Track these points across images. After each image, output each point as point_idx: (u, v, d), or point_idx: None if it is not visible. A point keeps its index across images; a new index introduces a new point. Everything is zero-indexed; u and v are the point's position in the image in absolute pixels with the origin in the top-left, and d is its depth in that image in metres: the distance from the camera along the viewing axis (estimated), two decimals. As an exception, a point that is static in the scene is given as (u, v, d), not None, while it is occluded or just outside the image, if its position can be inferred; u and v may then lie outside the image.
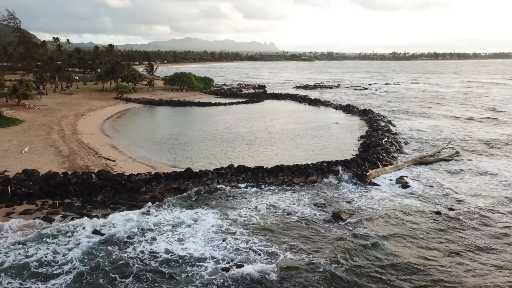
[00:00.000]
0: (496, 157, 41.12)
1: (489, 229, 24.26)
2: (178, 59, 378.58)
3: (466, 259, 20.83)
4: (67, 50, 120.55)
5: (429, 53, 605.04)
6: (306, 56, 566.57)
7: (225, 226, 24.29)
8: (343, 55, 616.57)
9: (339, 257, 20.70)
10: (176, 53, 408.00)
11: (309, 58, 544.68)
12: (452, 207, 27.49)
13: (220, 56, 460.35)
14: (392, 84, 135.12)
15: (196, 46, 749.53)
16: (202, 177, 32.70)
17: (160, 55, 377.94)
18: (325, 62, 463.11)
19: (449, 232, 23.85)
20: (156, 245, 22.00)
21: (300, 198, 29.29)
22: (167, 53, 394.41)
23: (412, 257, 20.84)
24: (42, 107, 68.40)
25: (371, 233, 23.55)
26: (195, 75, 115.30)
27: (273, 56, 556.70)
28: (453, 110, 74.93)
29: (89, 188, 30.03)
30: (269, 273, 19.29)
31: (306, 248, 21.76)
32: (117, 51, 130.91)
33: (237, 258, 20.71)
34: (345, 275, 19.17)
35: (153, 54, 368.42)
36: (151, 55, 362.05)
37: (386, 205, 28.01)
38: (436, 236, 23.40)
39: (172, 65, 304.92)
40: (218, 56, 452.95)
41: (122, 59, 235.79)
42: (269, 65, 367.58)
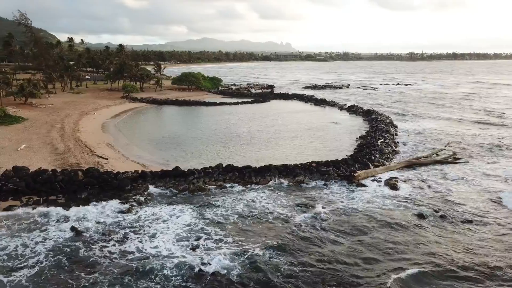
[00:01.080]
0: (494, 159, 40.03)
1: (469, 237, 23.46)
2: (193, 59, 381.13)
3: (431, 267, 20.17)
4: (77, 50, 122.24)
5: (448, 54, 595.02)
6: (322, 57, 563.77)
7: (200, 225, 24.25)
8: (359, 55, 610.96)
9: (300, 255, 20.49)
10: (191, 53, 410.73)
11: (324, 58, 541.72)
12: (438, 211, 26.79)
13: (234, 56, 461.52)
14: (403, 85, 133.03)
15: (212, 47, 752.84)
16: (189, 176, 32.77)
17: (175, 55, 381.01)
18: (339, 62, 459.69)
19: (424, 236, 23.24)
20: (128, 241, 22.17)
21: (283, 198, 29.06)
22: (182, 54, 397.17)
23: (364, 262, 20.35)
24: (48, 105, 69.64)
25: (341, 234, 23.18)
26: (204, 75, 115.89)
27: (288, 56, 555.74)
28: (457, 112, 73.19)
29: (75, 186, 30.39)
30: (233, 272, 19.19)
31: (274, 247, 21.52)
32: (127, 51, 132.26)
33: (205, 256, 20.62)
34: (302, 274, 18.92)
35: (168, 54, 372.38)
36: (166, 55, 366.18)
37: (368, 207, 27.51)
38: (408, 239, 22.75)
39: (187, 65, 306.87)
40: (232, 56, 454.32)
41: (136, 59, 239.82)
42: (282, 65, 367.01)
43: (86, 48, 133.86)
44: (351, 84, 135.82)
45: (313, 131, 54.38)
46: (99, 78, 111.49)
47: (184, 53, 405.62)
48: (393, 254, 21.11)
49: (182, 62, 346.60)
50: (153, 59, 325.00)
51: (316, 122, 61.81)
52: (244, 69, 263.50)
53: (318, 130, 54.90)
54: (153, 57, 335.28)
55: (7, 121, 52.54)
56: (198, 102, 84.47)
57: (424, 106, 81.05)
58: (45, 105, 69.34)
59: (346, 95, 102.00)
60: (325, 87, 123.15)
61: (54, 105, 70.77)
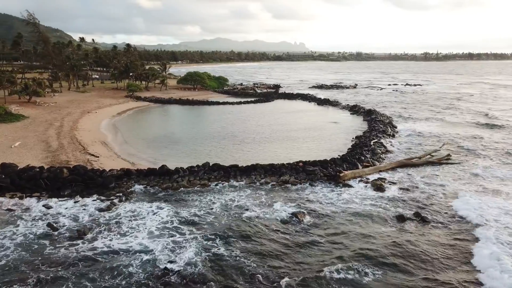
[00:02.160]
0: (488, 162, 39.05)
1: (443, 240, 22.93)
2: (205, 59, 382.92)
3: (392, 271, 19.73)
4: (85, 49, 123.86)
5: (464, 53, 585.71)
6: (334, 57, 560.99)
7: (175, 223, 24.23)
8: (373, 55, 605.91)
9: (266, 254, 20.30)
10: (203, 53, 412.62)
11: (337, 58, 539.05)
12: (420, 213, 26.19)
13: (246, 56, 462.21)
14: (412, 86, 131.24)
15: (226, 47, 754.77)
16: (173, 175, 32.84)
17: (187, 55, 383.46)
18: (351, 62, 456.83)
19: (399, 238, 22.80)
20: (100, 238, 22.29)
21: (265, 198, 28.86)
22: (194, 53, 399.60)
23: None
24: (51, 104, 70.68)
25: (315, 235, 22.91)
26: (210, 74, 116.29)
27: (301, 56, 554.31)
28: (458, 113, 71.67)
29: (59, 183, 30.74)
30: (197, 270, 19.12)
31: (244, 247, 21.38)
32: (134, 51, 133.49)
33: (173, 254, 20.61)
34: (272, 275, 18.71)
35: (180, 54, 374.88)
36: (178, 55, 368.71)
37: (345, 208, 27.05)
38: (379, 242, 22.32)
39: (198, 65, 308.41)
40: (244, 56, 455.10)
41: (148, 58, 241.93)
42: (292, 65, 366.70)
43: (94, 48, 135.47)
44: (359, 84, 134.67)
45: (310, 131, 53.98)
46: (106, 77, 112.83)
47: (196, 53, 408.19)
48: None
49: (194, 62, 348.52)
50: (165, 59, 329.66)
51: (315, 122, 61.37)
52: (253, 69, 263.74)
53: (315, 130, 54.48)
54: (165, 57, 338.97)
55: (8, 119, 53.48)
56: (201, 102, 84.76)
57: (427, 107, 79.67)
58: (48, 104, 70.39)
59: (351, 95, 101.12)
60: (332, 87, 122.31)
61: (58, 104, 71.81)
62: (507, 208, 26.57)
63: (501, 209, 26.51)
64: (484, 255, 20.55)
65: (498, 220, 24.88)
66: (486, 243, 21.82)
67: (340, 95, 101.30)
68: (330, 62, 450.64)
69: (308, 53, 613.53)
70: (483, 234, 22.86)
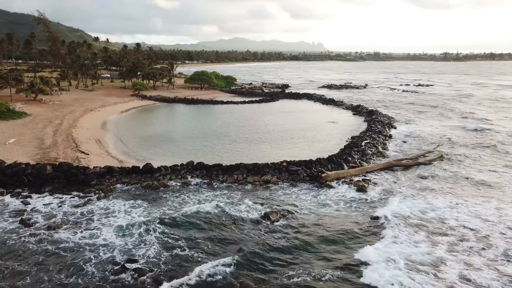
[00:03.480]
0: (483, 164, 37.94)
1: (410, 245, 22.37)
2: (220, 58, 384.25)
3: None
4: (96, 48, 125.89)
5: (485, 54, 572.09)
6: (351, 56, 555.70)
7: (145, 221, 24.23)
8: (391, 55, 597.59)
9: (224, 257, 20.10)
10: (218, 53, 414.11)
11: (354, 58, 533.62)
12: (396, 215, 25.62)
13: (262, 56, 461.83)
14: (424, 86, 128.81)
15: (244, 46, 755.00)
16: (155, 173, 32.93)
17: (203, 54, 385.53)
18: (368, 62, 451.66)
19: (364, 240, 22.32)
20: (68, 234, 22.43)
21: (243, 197, 28.69)
22: (210, 53, 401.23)
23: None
24: (56, 102, 71.92)
25: (282, 236, 22.61)
26: (218, 74, 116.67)
27: (317, 56, 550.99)
28: (464, 115, 69.96)
29: (42, 179, 31.21)
30: (156, 268, 19.12)
31: (206, 246, 21.28)
32: (144, 50, 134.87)
33: (136, 252, 20.66)
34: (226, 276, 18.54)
35: (196, 54, 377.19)
36: (194, 54, 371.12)
37: (325, 208, 26.71)
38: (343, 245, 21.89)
39: (213, 65, 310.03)
40: (260, 56, 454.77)
41: (164, 58, 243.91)
42: (308, 64, 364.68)
43: (104, 47, 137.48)
44: (370, 84, 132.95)
45: (306, 131, 53.47)
46: (116, 76, 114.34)
47: (211, 52, 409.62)
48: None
49: (209, 62, 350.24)
50: (180, 59, 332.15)
51: (314, 122, 60.83)
52: (266, 69, 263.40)
53: (311, 130, 53.94)
54: (180, 57, 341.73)
55: (9, 116, 54.58)
56: (205, 101, 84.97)
57: (431, 108, 77.90)
58: (54, 102, 71.64)
59: (358, 95, 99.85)
60: (341, 87, 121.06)
61: (63, 102, 73.00)
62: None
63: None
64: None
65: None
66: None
67: (347, 95, 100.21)
68: (346, 62, 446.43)
69: (325, 53, 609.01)
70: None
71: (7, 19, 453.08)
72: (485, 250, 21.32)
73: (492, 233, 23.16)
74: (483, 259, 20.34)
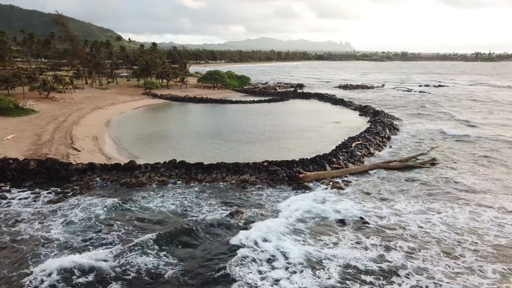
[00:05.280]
0: (477, 169, 36.39)
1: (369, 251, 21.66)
2: (244, 58, 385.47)
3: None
4: (112, 48, 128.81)
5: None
6: (378, 56, 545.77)
7: (107, 218, 24.55)
8: (419, 55, 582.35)
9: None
10: (242, 52, 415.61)
11: (381, 58, 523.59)
12: (366, 219, 24.89)
13: (287, 55, 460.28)
14: (444, 87, 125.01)
15: (271, 46, 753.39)
16: (135, 170, 33.34)
17: (227, 54, 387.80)
18: (395, 62, 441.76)
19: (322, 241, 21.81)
20: (26, 229, 22.97)
21: (214, 197, 28.62)
22: (234, 53, 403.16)
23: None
24: (67, 100, 73.95)
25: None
26: (232, 73, 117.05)
27: (343, 55, 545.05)
28: (476, 117, 67.45)
29: (25, 174, 32.14)
30: (102, 266, 19.29)
31: (156, 244, 21.32)
32: (160, 50, 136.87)
33: (87, 248, 20.95)
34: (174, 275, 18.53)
35: (219, 54, 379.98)
36: (218, 54, 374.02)
37: (292, 209, 26.23)
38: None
39: (236, 64, 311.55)
40: (284, 56, 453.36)
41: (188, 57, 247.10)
42: (332, 64, 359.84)
43: (121, 47, 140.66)
44: (387, 84, 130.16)
45: (304, 131, 52.78)
46: (131, 75, 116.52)
47: (235, 52, 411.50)
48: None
49: (232, 62, 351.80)
50: (204, 58, 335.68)
51: (316, 122, 60.03)
52: (288, 68, 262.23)
53: (310, 131, 53.21)
54: (204, 56, 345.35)
55: (16, 113, 56.41)
56: (214, 100, 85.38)
57: (444, 109, 75.51)
58: (65, 100, 73.70)
59: (371, 95, 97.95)
60: (357, 87, 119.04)
61: (74, 100, 75.00)
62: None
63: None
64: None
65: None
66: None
67: (360, 95, 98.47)
68: (371, 62, 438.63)
69: (351, 53, 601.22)
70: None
71: (41, 19, 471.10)
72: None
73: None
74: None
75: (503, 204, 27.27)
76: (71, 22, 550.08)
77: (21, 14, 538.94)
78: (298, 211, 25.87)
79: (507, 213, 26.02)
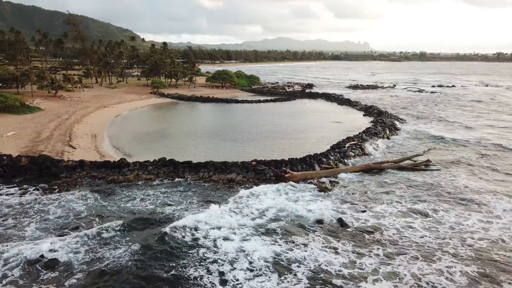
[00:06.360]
0: (470, 173, 35.41)
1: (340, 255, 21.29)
2: (259, 58, 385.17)
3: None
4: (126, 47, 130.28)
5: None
6: (396, 56, 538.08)
7: (83, 215, 24.81)
8: (438, 55, 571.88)
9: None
10: (257, 52, 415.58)
11: (399, 58, 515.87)
12: (344, 220, 24.47)
13: (302, 55, 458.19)
14: (458, 87, 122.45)
15: (288, 46, 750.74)
16: (122, 168, 33.63)
17: (242, 54, 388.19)
18: (413, 63, 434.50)
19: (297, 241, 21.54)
20: (6, 225, 23.42)
21: (197, 195, 28.66)
22: (249, 53, 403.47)
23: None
24: (75, 98, 75.17)
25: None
26: (242, 73, 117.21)
27: (359, 55, 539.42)
28: (478, 120, 65.63)
29: (16, 170, 32.79)
30: (71, 260, 19.54)
31: (124, 239, 21.44)
32: (176, 49, 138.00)
33: (55, 244, 21.18)
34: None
35: (234, 54, 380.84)
36: (233, 54, 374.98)
37: (272, 209, 26.00)
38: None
39: (251, 64, 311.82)
40: (300, 56, 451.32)
41: (203, 57, 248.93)
42: (348, 64, 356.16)
43: (132, 46, 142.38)
44: (398, 85, 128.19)
45: (303, 132, 52.32)
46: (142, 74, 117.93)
47: (251, 52, 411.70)
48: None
49: (247, 61, 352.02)
50: (218, 58, 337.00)
51: (317, 122, 59.53)
52: (300, 68, 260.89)
53: (309, 131, 52.75)
54: (219, 56, 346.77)
55: (22, 111, 57.61)
56: (220, 99, 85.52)
57: (452, 110, 73.87)
58: (72, 98, 74.93)
59: (381, 96, 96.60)
60: (368, 87, 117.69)
61: (81, 98, 76.18)
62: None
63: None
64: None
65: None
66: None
67: (368, 95, 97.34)
68: (387, 62, 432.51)
69: (368, 53, 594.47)
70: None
71: (63, 19, 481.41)
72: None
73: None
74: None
75: (490, 208, 26.46)
76: (92, 22, 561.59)
77: (43, 15, 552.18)
78: (271, 209, 25.76)
79: (494, 217, 25.23)
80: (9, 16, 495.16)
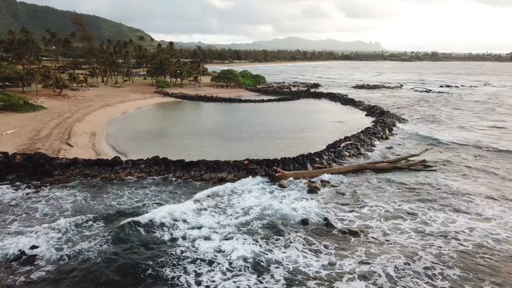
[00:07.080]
0: (465, 174, 34.79)
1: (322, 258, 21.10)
2: (269, 58, 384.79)
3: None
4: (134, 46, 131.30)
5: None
6: (407, 56, 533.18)
7: (65, 212, 25.00)
8: (450, 55, 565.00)
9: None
10: (267, 52, 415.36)
11: (410, 58, 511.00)
12: (330, 221, 24.21)
13: (312, 55, 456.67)
14: (466, 87, 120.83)
15: (299, 46, 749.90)
16: (115, 166, 33.83)
17: (251, 54, 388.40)
18: (424, 63, 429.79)
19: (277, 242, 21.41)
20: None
21: (186, 194, 28.68)
22: (258, 53, 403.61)
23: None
24: (79, 97, 75.92)
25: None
26: (247, 72, 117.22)
27: (370, 55, 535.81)
28: (480, 121, 64.66)
29: (10, 168, 33.19)
30: (53, 256, 19.72)
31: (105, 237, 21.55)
32: (177, 49, 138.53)
33: (40, 239, 21.39)
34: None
35: (244, 53, 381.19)
36: (242, 54, 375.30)
37: (259, 209, 25.86)
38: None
39: (259, 64, 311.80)
40: (310, 55, 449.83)
41: (212, 57, 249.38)
42: (357, 64, 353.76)
43: (138, 46, 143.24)
44: (405, 85, 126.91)
45: (302, 132, 51.94)
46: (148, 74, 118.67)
47: (260, 52, 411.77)
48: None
49: (257, 61, 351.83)
50: (228, 58, 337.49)
51: (318, 122, 59.20)
52: (308, 68, 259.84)
53: (308, 131, 52.39)
54: (228, 56, 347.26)
55: (25, 109, 58.38)
56: (224, 99, 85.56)
57: (456, 111, 72.82)
58: (76, 97, 75.70)
59: (385, 96, 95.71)
60: (374, 87, 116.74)
61: (85, 97, 76.91)
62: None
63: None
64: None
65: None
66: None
67: (373, 95, 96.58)
68: (397, 62, 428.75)
69: (378, 53, 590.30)
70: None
71: (69, 19, 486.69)
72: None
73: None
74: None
75: (479, 211, 25.98)
76: (103, 22, 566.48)
77: (56, 15, 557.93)
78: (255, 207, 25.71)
79: (482, 220, 24.75)
80: (23, 16, 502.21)
